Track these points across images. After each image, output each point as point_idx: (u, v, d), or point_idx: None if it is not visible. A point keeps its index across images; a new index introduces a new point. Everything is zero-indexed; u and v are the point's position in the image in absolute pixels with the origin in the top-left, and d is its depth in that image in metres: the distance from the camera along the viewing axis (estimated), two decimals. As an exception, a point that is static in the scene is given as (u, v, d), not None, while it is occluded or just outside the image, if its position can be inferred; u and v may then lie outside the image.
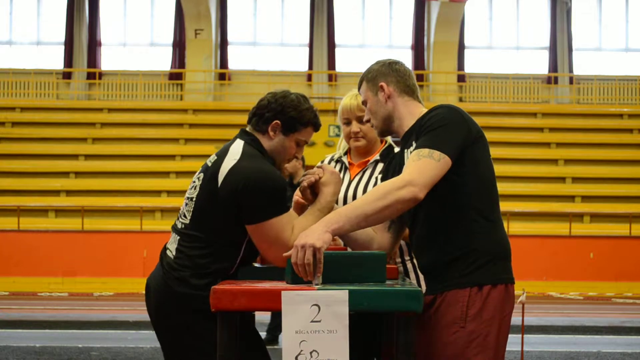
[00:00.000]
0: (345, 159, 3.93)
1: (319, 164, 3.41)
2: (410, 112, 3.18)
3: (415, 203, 2.89)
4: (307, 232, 2.80)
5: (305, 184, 3.24)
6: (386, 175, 3.31)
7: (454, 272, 3.01)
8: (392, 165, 3.31)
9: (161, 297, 3.22)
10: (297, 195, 3.46)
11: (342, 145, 3.99)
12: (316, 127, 3.30)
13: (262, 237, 3.12)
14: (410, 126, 3.16)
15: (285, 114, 3.24)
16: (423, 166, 2.90)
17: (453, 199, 3.02)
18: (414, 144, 3.06)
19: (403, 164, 3.13)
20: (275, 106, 3.25)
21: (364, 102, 3.27)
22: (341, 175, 3.80)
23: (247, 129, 3.35)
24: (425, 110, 3.19)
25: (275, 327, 8.82)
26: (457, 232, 3.02)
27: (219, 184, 3.14)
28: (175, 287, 3.17)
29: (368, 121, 3.26)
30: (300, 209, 3.42)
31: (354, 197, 3.77)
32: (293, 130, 3.26)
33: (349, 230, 2.88)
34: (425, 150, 2.94)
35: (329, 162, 3.98)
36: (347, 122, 3.86)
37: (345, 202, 3.75)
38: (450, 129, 2.99)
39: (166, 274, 3.22)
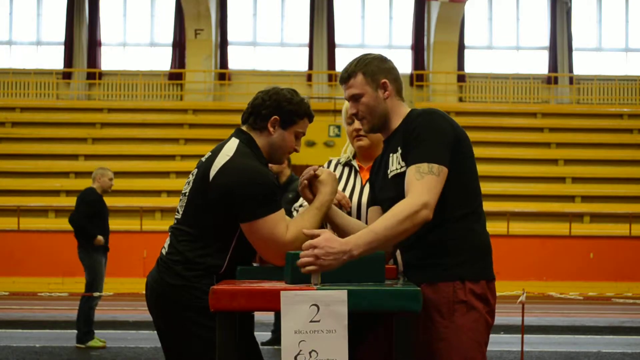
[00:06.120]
0: (354, 163, 3.79)
1: (319, 168, 3.37)
2: (399, 114, 3.19)
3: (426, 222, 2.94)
4: (333, 243, 2.75)
5: (304, 179, 3.26)
6: (374, 181, 3.31)
7: (435, 266, 3.04)
8: (376, 170, 3.32)
9: (156, 291, 3.26)
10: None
11: (348, 149, 3.86)
12: (310, 118, 3.37)
13: (256, 236, 3.15)
14: (396, 127, 3.17)
15: (282, 108, 3.30)
16: (430, 185, 2.94)
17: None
18: (399, 150, 3.09)
19: (388, 167, 3.14)
20: (271, 103, 3.31)
21: (358, 96, 3.16)
22: (351, 179, 3.77)
23: (243, 128, 3.38)
24: (407, 109, 3.19)
25: (280, 327, 8.81)
26: (438, 228, 3.04)
27: (210, 180, 3.18)
28: (168, 280, 3.21)
29: (355, 114, 3.19)
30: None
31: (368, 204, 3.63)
32: (292, 124, 3.32)
33: (369, 253, 2.87)
34: (424, 166, 2.97)
35: (335, 166, 3.86)
36: (351, 121, 3.72)
37: (359, 208, 3.63)
38: (438, 138, 3.02)
39: (160, 268, 3.27)
